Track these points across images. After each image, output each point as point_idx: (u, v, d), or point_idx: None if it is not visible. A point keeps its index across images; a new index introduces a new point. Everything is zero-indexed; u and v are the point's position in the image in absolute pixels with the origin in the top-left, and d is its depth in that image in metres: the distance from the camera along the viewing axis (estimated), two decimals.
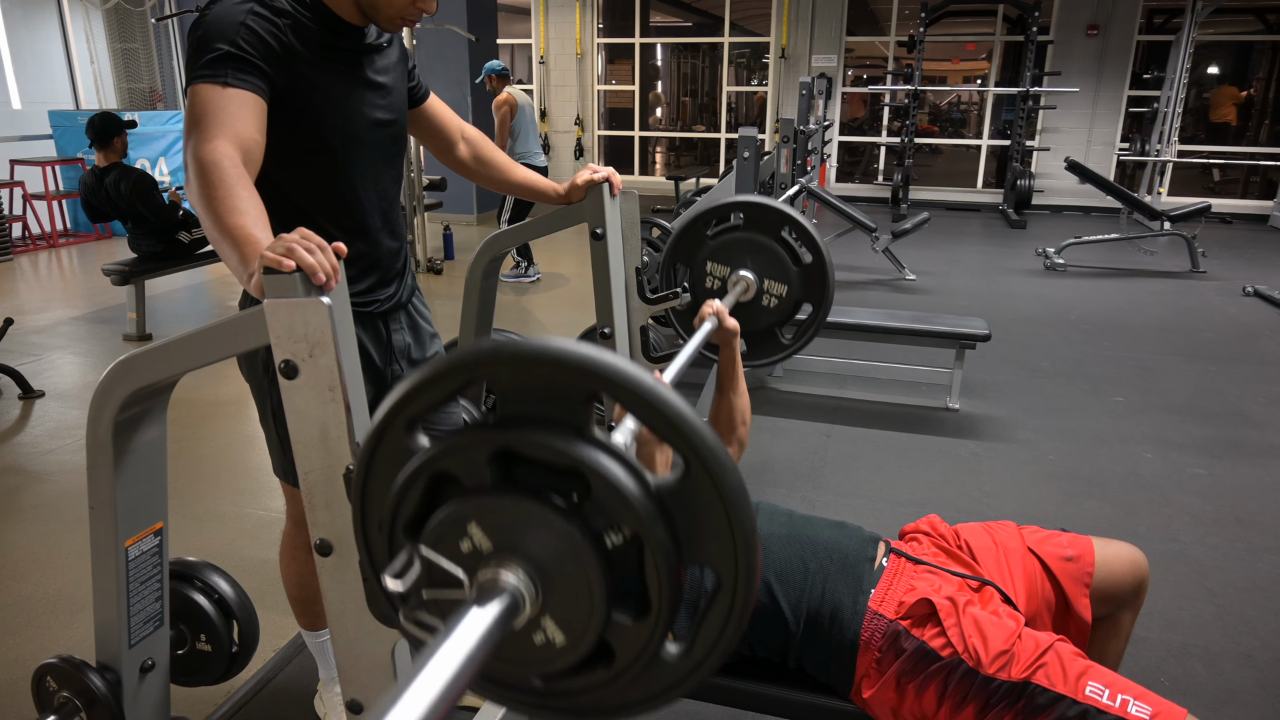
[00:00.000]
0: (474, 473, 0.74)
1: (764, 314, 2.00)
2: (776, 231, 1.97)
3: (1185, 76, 8.49)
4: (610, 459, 0.71)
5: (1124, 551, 1.53)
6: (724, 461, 0.69)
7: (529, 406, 0.73)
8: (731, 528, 0.70)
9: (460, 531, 0.74)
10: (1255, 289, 5.98)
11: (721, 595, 0.73)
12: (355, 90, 1.46)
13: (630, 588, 0.73)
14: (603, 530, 0.72)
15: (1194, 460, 3.31)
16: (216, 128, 1.23)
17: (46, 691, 1.35)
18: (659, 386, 0.69)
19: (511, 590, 0.71)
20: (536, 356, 0.71)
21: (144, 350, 1.15)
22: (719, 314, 1.70)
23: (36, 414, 3.77)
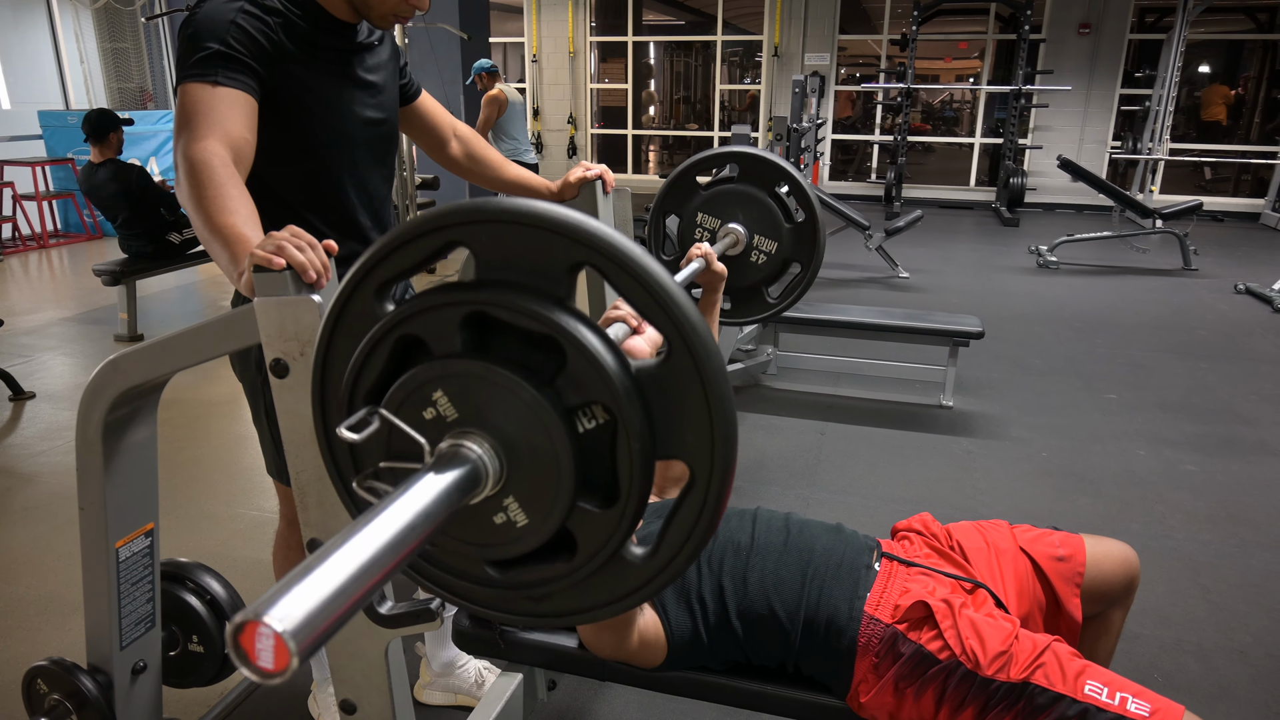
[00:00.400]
0: (444, 337, 0.69)
1: (752, 270, 1.97)
2: (771, 186, 1.94)
3: (1177, 75, 8.52)
4: (590, 332, 0.66)
5: (1115, 549, 1.53)
6: (708, 344, 0.65)
7: (509, 273, 0.68)
8: (711, 416, 0.66)
9: (425, 398, 0.69)
10: (1247, 286, 6.01)
11: (694, 492, 0.69)
12: (346, 89, 1.45)
13: (599, 477, 0.69)
14: (576, 408, 0.67)
15: (1187, 457, 3.32)
16: (206, 127, 1.22)
17: (37, 694, 1.34)
18: (647, 259, 0.65)
19: (474, 460, 0.67)
20: (520, 217, 0.66)
21: (133, 350, 1.14)
22: (707, 256, 1.63)
23: (27, 415, 3.75)
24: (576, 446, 0.67)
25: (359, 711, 1.25)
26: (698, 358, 0.65)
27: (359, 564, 0.52)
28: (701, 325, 0.65)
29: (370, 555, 0.53)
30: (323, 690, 1.88)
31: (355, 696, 1.24)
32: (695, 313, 0.65)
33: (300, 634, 0.47)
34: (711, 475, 0.68)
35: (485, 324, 0.69)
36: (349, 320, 0.76)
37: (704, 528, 0.70)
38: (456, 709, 1.95)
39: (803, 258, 1.96)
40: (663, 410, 0.68)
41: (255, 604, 0.47)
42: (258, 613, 0.46)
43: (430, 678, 1.98)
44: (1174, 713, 1.17)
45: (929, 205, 9.70)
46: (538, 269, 0.67)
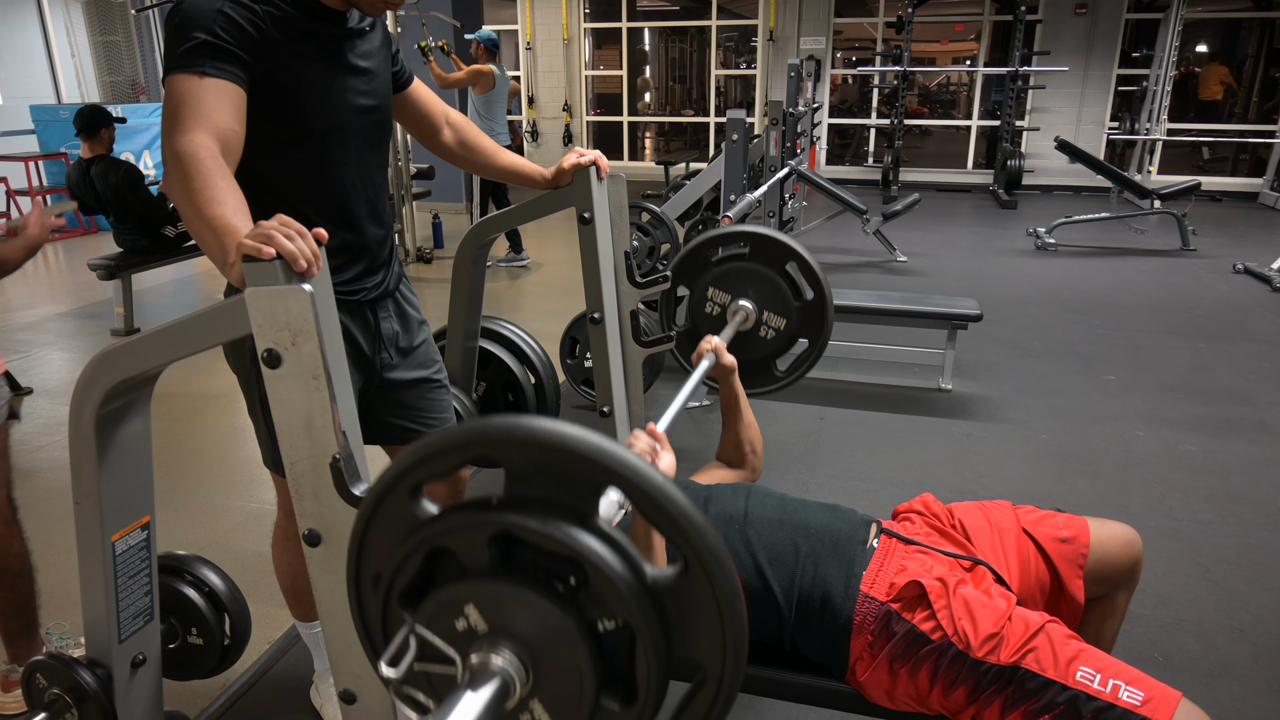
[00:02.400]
0: (474, 553, 0.75)
1: (760, 344, 2.02)
2: (781, 265, 1.96)
3: (1174, 55, 8.48)
4: (609, 550, 0.71)
5: (1119, 532, 1.52)
6: (723, 564, 0.70)
7: (536, 488, 0.73)
8: (724, 628, 0.71)
9: (457, 611, 0.75)
10: (1245, 266, 5.99)
11: (705, 690, 0.75)
12: (337, 76, 1.44)
13: (619, 673, 0.74)
14: (596, 617, 0.72)
15: (1186, 437, 3.32)
16: (194, 119, 1.21)
17: (37, 688, 1.34)
18: (667, 485, 0.69)
19: (502, 673, 0.72)
20: (546, 442, 0.71)
21: (124, 342, 1.13)
22: (716, 350, 1.73)
23: (25, 411, 3.72)
24: (598, 655, 0.73)
25: (359, 701, 1.25)
26: (713, 579, 0.71)
27: None
28: (719, 549, 0.70)
29: None
30: (324, 681, 1.88)
31: (355, 686, 1.24)
32: (714, 538, 0.70)
33: None
34: (723, 679, 0.74)
35: (513, 539, 0.74)
36: (384, 516, 0.81)
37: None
38: None
39: (810, 334, 1.99)
40: (678, 618, 0.73)
41: None
42: None
43: None
44: (1169, 699, 1.17)
45: (926, 188, 9.68)
46: (564, 487, 0.73)
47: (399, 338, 1.64)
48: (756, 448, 1.79)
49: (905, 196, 6.46)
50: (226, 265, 1.07)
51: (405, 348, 1.66)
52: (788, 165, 5.36)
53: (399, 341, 1.64)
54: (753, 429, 1.79)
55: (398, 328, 1.64)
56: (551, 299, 5.62)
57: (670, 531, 0.70)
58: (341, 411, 1.08)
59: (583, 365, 3.49)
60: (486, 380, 2.66)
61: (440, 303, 2.37)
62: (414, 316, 1.69)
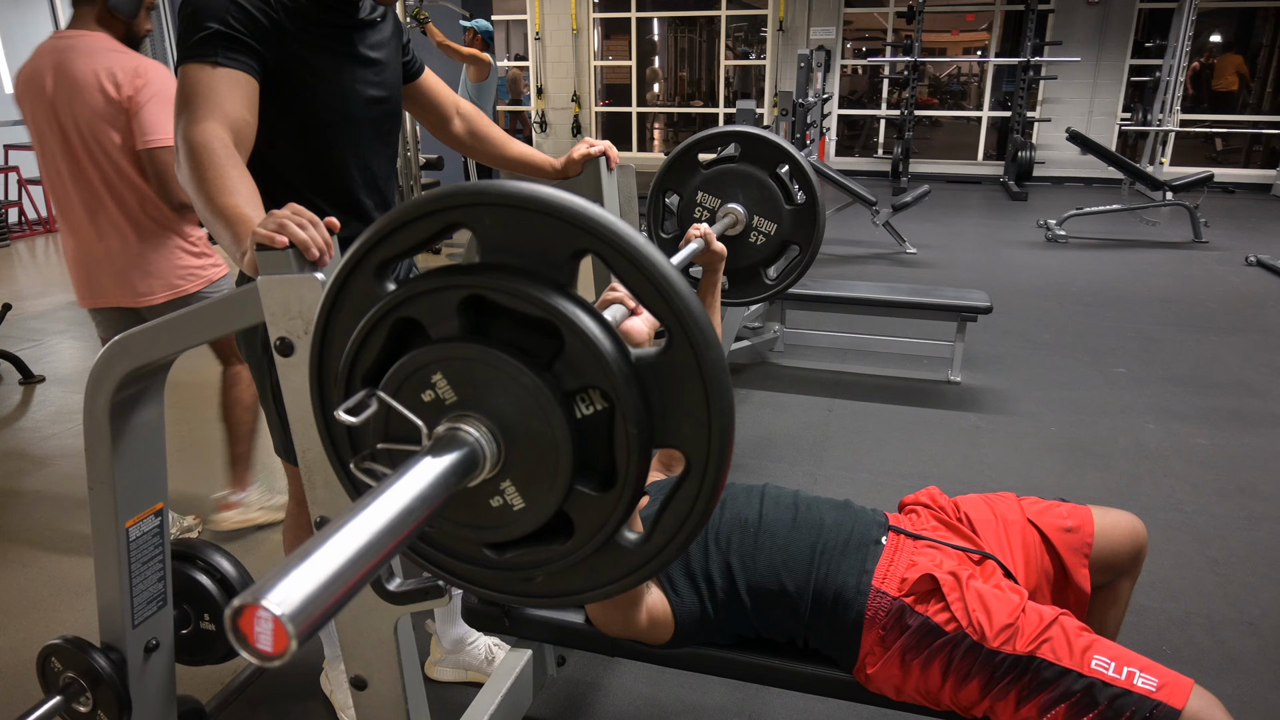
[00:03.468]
0: (442, 320, 0.69)
1: (750, 250, 1.96)
2: (772, 167, 1.93)
3: (1188, 45, 8.40)
4: (589, 317, 0.66)
5: (1123, 520, 1.53)
6: (708, 334, 0.65)
7: (511, 257, 0.68)
8: (709, 407, 0.67)
9: (423, 381, 0.69)
10: (1258, 258, 5.95)
11: (689, 480, 0.70)
12: (348, 66, 1.44)
13: (597, 461, 0.69)
14: (574, 393, 0.67)
15: (1196, 430, 3.31)
16: (206, 109, 1.22)
17: (52, 672, 1.36)
18: (650, 248, 0.65)
19: (471, 443, 0.67)
20: (524, 201, 0.66)
21: (139, 330, 1.14)
22: (706, 236, 1.64)
23: (37, 399, 3.77)
24: (575, 431, 0.67)
25: (370, 687, 1.26)
26: (697, 349, 0.65)
27: (357, 547, 0.53)
28: (702, 317, 0.65)
29: (368, 539, 0.54)
30: (334, 667, 1.90)
31: (366, 673, 1.25)
32: (697, 304, 0.65)
33: (299, 617, 0.47)
34: (707, 466, 0.68)
35: (484, 308, 0.69)
36: (349, 299, 0.76)
37: (698, 516, 0.71)
38: (467, 685, 1.97)
39: (802, 239, 1.95)
40: (661, 399, 0.68)
41: (253, 588, 0.47)
42: (256, 596, 0.46)
43: (441, 655, 2.00)
44: (1182, 686, 1.17)
45: (936, 180, 9.62)
46: (540, 254, 0.67)
47: None
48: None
49: (915, 188, 6.44)
50: (239, 254, 1.08)
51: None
52: None
53: None
54: (718, 328, 1.73)
55: None
56: None
57: (650, 296, 0.65)
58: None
59: None
60: None
61: None
62: None
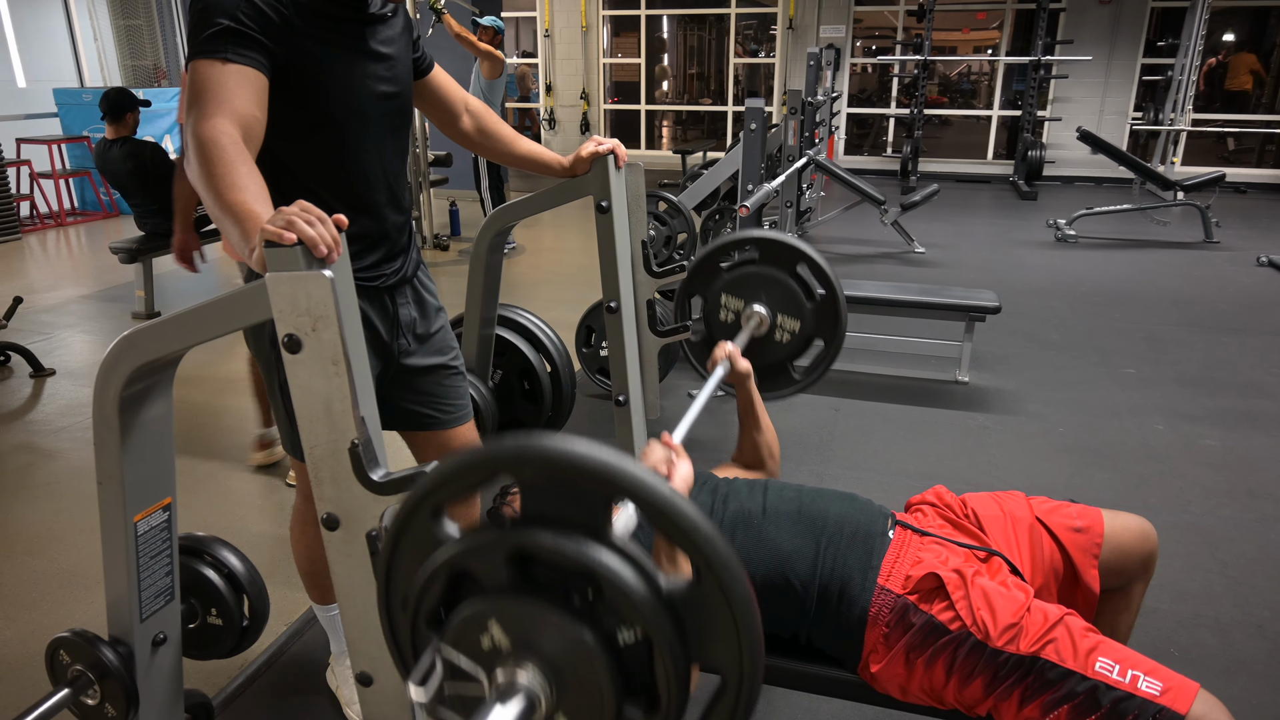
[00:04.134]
0: (492, 572, 0.77)
1: (777, 348, 2.02)
2: (791, 267, 1.97)
3: (1200, 44, 8.35)
4: (622, 562, 0.73)
5: (1133, 523, 1.51)
6: (734, 572, 0.72)
7: (550, 504, 0.76)
8: (739, 634, 0.73)
9: (480, 628, 0.77)
10: (1269, 259, 5.92)
11: (725, 697, 0.76)
12: (358, 62, 1.44)
13: (641, 682, 0.76)
14: (615, 629, 0.74)
15: (1205, 431, 3.29)
16: (216, 105, 1.22)
17: (60, 665, 1.36)
18: (675, 497, 0.71)
19: (527, 690, 0.74)
20: (557, 460, 0.73)
21: (148, 325, 1.15)
22: (731, 357, 1.73)
23: (48, 392, 3.79)
24: (617, 665, 0.75)
25: (375, 683, 1.26)
26: (724, 585, 0.72)
27: None
28: (727, 555, 0.72)
29: None
30: (340, 663, 1.90)
31: (372, 669, 1.26)
32: (723, 545, 0.72)
33: None
34: (741, 685, 0.75)
35: (529, 557, 0.77)
36: (409, 539, 0.85)
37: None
38: None
39: (825, 333, 2.00)
40: (695, 627, 0.75)
41: None
42: None
43: None
44: (1188, 690, 1.16)
45: (945, 179, 9.59)
46: (577, 503, 0.75)
47: (417, 324, 1.65)
48: (774, 452, 1.80)
49: (924, 187, 6.41)
50: (248, 250, 1.08)
51: (423, 334, 1.67)
52: (806, 155, 5.33)
53: (416, 328, 1.65)
54: (770, 434, 1.80)
55: (415, 314, 1.65)
56: (568, 288, 5.63)
57: (680, 541, 0.72)
58: (361, 397, 1.09)
59: (598, 354, 3.49)
60: (503, 368, 2.67)
61: (456, 289, 2.38)
62: (431, 303, 1.70)
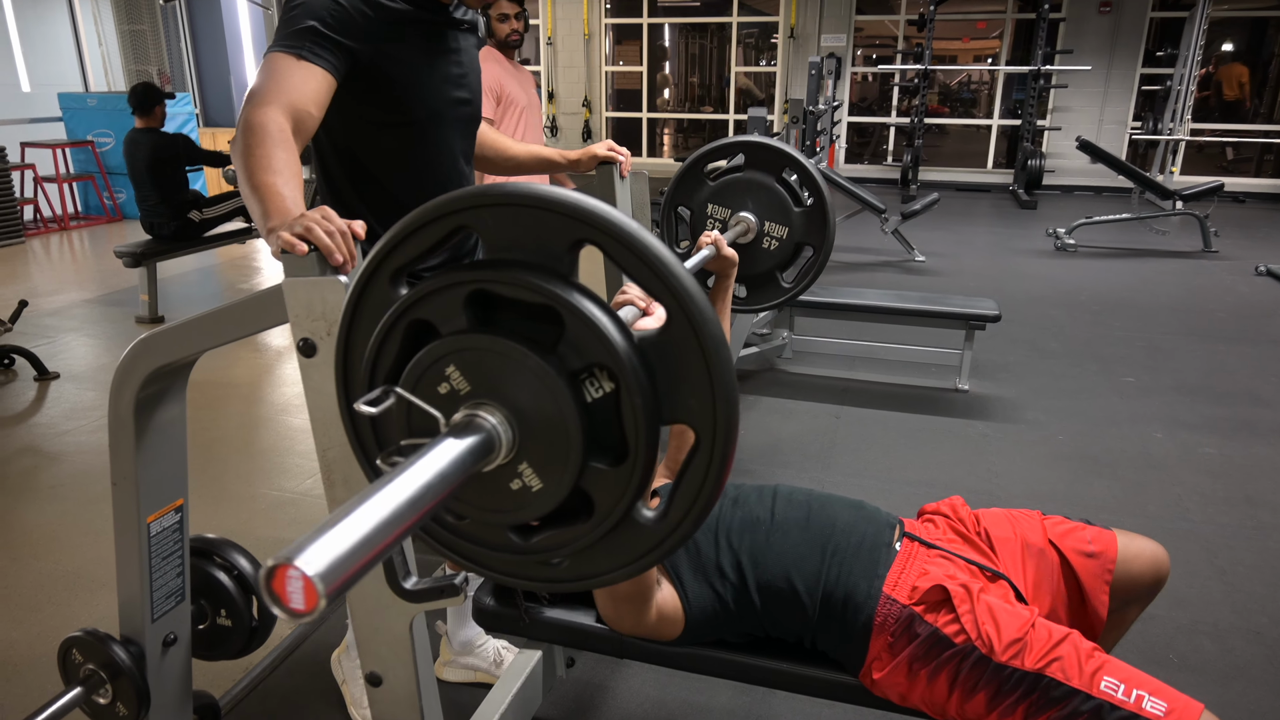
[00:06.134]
0: (450, 316, 0.73)
1: (765, 256, 1.99)
2: (778, 172, 1.95)
3: (1199, 54, 8.40)
4: (589, 301, 0.70)
5: (1147, 549, 1.50)
6: (705, 312, 0.68)
7: (514, 253, 0.72)
8: (711, 381, 0.69)
9: (438, 374, 0.73)
10: (1268, 268, 5.94)
11: (699, 453, 0.72)
12: (439, 67, 1.49)
13: (609, 439, 0.72)
14: (580, 372, 0.70)
15: (1204, 440, 3.31)
16: (273, 95, 1.27)
17: (73, 664, 1.38)
18: (644, 232, 0.68)
19: (487, 428, 0.70)
20: (520, 199, 0.70)
21: (165, 329, 1.17)
22: (717, 243, 1.66)
23: (52, 395, 3.81)
24: (583, 408, 0.70)
25: (385, 684, 1.28)
26: (696, 325, 0.68)
27: (382, 517, 0.56)
28: (698, 294, 0.68)
29: (392, 509, 0.57)
30: (350, 657, 1.92)
31: (381, 669, 1.27)
32: (692, 282, 0.68)
33: (328, 577, 0.50)
34: (715, 437, 0.71)
35: (489, 301, 0.73)
36: (367, 306, 0.80)
37: (710, 488, 0.73)
38: (475, 686, 1.99)
39: (814, 241, 1.97)
40: (666, 376, 0.71)
41: (286, 550, 0.50)
42: (288, 557, 0.49)
43: (450, 655, 2.01)
44: (1192, 711, 1.16)
45: (946, 188, 9.63)
46: (541, 248, 0.71)
47: None
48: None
49: (924, 196, 6.44)
50: (266, 230, 1.10)
51: None
52: None
53: None
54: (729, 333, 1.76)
55: None
56: None
57: (648, 280, 0.68)
58: None
59: None
60: None
61: None
62: None
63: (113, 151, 7.82)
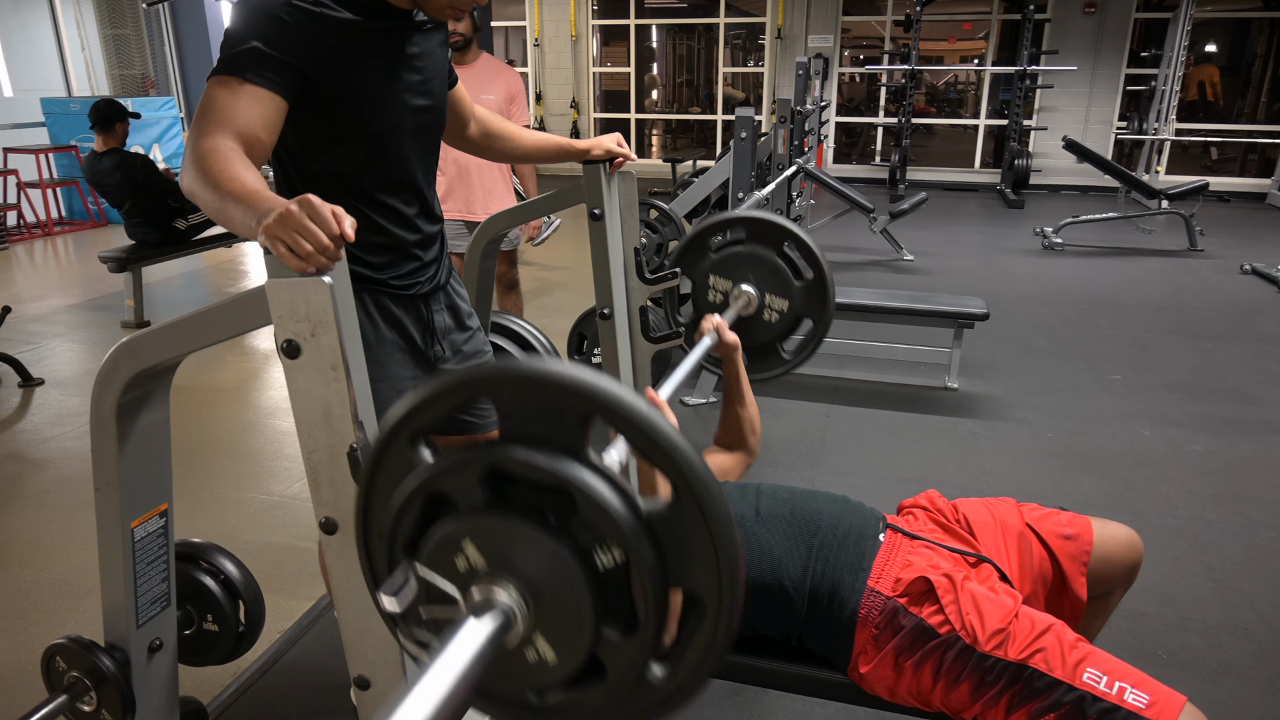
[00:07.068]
0: (467, 492, 0.76)
1: (765, 328, 2.03)
2: (779, 246, 1.98)
3: (1183, 55, 8.46)
4: (598, 479, 0.72)
5: (1120, 533, 1.53)
6: (711, 489, 0.71)
7: (527, 426, 0.75)
8: (717, 554, 0.72)
9: (455, 549, 0.76)
10: (1253, 267, 5.99)
11: (706, 620, 0.75)
12: (395, 77, 1.43)
13: (619, 606, 0.75)
14: (591, 548, 0.73)
15: (1191, 437, 3.33)
16: (219, 123, 1.21)
17: (56, 671, 1.36)
18: (651, 413, 0.70)
19: (504, 608, 0.73)
20: (534, 379, 0.73)
21: (146, 332, 1.15)
22: (718, 328, 1.73)
23: (37, 402, 3.78)
24: (595, 583, 0.74)
25: (373, 688, 1.27)
26: (702, 503, 0.71)
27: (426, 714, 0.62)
28: (705, 473, 0.71)
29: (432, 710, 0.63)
30: None
31: (369, 673, 1.26)
32: (699, 462, 0.71)
33: None
34: (720, 606, 0.74)
35: (504, 476, 0.76)
36: (386, 466, 0.84)
37: (716, 652, 0.76)
38: None
39: (814, 314, 2.01)
40: (674, 548, 0.74)
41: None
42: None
43: None
44: (1174, 703, 1.17)
45: (933, 187, 9.67)
46: (552, 421, 0.74)
47: (451, 330, 1.67)
48: (755, 428, 1.80)
49: (912, 195, 6.46)
50: (254, 225, 1.04)
51: (457, 340, 1.69)
52: (795, 163, 5.37)
53: (451, 334, 1.67)
54: (753, 409, 1.79)
55: (450, 321, 1.67)
56: (560, 295, 5.64)
57: (656, 458, 0.71)
58: (359, 402, 1.10)
59: (591, 361, 3.50)
60: None
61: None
62: (464, 309, 1.72)
63: None
